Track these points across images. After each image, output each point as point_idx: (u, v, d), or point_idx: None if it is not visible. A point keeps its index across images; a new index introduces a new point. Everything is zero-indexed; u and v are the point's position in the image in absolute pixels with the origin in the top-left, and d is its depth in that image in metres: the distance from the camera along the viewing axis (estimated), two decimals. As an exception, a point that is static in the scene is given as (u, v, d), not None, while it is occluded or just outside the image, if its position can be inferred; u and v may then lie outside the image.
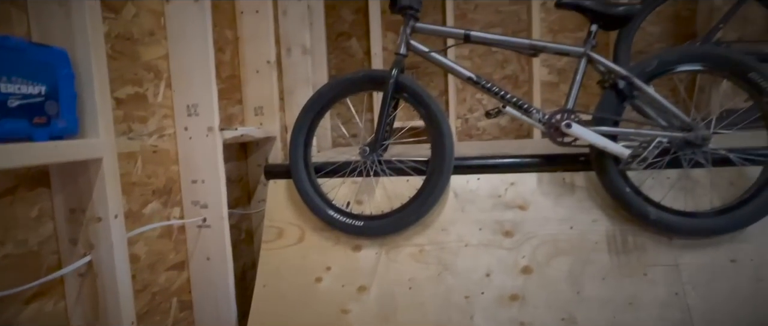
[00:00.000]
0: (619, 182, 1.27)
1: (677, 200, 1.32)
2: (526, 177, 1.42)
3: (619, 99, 1.27)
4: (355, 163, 1.45)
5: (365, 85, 1.43)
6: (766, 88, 1.20)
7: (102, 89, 0.97)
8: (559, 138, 1.30)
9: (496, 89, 1.37)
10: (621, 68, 1.26)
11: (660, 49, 2.29)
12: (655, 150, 1.16)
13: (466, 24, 2.46)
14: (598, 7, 1.29)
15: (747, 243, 1.25)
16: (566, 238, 1.34)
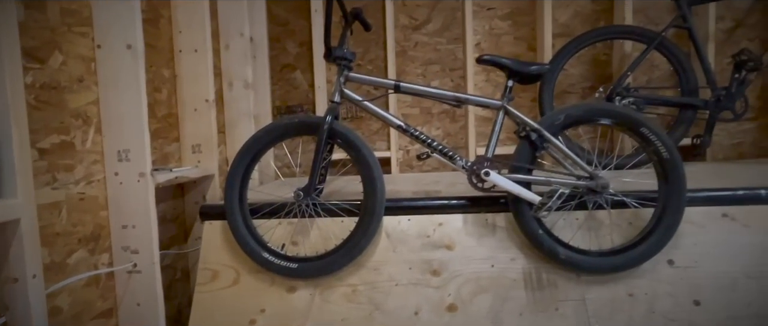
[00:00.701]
0: (532, 224, 1.39)
1: (585, 239, 1.46)
2: (452, 218, 1.52)
3: (532, 149, 1.40)
4: (290, 205, 1.49)
5: (300, 131, 1.48)
6: (653, 141, 1.36)
7: (21, 148, 0.96)
8: (479, 184, 1.41)
9: (423, 137, 1.47)
10: (532, 121, 1.39)
11: (582, 88, 2.51)
12: (557, 200, 1.28)
13: (407, 61, 2.58)
14: (514, 66, 1.42)
15: (641, 278, 1.40)
16: (488, 276, 1.44)
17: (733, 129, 2.49)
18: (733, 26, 2.44)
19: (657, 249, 1.37)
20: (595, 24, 2.49)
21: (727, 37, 2.44)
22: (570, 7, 2.50)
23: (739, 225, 1.43)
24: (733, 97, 2.04)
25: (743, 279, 1.38)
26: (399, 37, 2.58)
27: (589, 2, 2.48)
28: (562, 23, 2.51)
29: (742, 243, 1.41)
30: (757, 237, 1.41)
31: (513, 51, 2.54)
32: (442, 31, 2.56)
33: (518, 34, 2.53)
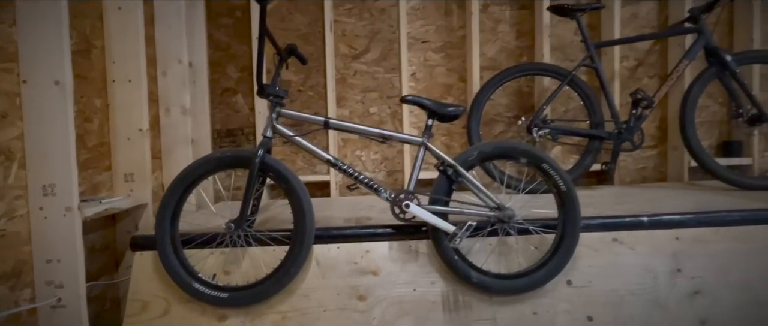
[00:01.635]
0: (449, 251, 1.53)
1: (498, 263, 1.61)
2: (379, 245, 1.63)
3: (449, 182, 1.55)
4: (222, 235, 1.54)
5: (233, 165, 1.55)
6: (553, 175, 1.54)
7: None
8: (401, 214, 1.53)
9: (350, 171, 1.57)
10: (448, 158, 1.54)
11: (508, 117, 2.72)
12: (466, 231, 1.43)
13: (346, 88, 2.69)
14: (433, 106, 1.57)
15: (544, 297, 1.57)
16: (410, 300, 1.56)
17: (637, 156, 2.79)
18: (636, 65, 2.75)
19: (557, 272, 1.54)
20: (519, 59, 2.72)
21: (631, 74, 2.75)
22: (497, 43, 2.72)
23: (627, 248, 1.64)
24: (631, 130, 2.30)
25: (628, 296, 1.59)
26: (339, 65, 2.69)
27: (513, 39, 2.72)
28: (490, 57, 2.72)
29: (628, 263, 1.62)
30: (641, 258, 1.63)
31: (446, 81, 2.72)
32: (380, 61, 2.70)
33: (450, 65, 2.72)
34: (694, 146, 2.27)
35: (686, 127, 2.28)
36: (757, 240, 1.66)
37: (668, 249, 1.64)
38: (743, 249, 1.64)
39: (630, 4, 2.73)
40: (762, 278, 1.61)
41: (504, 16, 2.71)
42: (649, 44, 2.74)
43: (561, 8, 2.38)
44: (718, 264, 1.63)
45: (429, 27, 2.70)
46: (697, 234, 1.66)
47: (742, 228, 1.67)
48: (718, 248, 1.64)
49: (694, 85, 2.29)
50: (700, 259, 1.63)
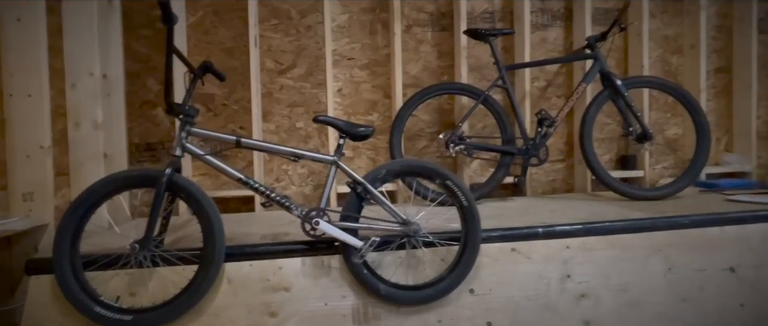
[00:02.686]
0: (358, 265, 1.59)
1: (407, 275, 1.70)
2: (292, 261, 1.66)
3: (359, 199, 1.62)
4: (126, 256, 1.51)
5: (139, 183, 1.52)
6: (456, 191, 1.66)
7: None
8: (311, 231, 1.58)
9: (262, 189, 1.60)
10: (358, 176, 1.61)
11: (430, 132, 2.85)
12: (370, 247, 1.50)
13: (272, 102, 2.71)
14: (344, 127, 1.64)
15: (448, 306, 1.68)
16: (321, 314, 1.61)
17: (548, 169, 3.02)
18: (546, 85, 2.99)
19: (459, 281, 1.65)
20: (440, 78, 2.87)
21: (541, 94, 2.99)
22: (419, 62, 2.85)
23: (524, 257, 1.79)
24: (537, 147, 2.51)
25: (524, 301, 1.73)
26: (265, 80, 2.70)
27: (435, 59, 2.86)
28: (413, 75, 2.85)
29: (525, 271, 1.77)
30: (536, 266, 1.78)
31: (371, 97, 2.81)
32: (306, 77, 2.74)
33: (376, 82, 2.81)
34: (591, 161, 2.50)
35: (585, 143, 2.51)
36: (635, 247, 1.87)
37: (560, 257, 1.81)
38: (622, 255, 1.85)
39: (539, 30, 2.97)
40: (638, 280, 1.82)
41: (426, 37, 2.85)
42: (556, 67, 3.00)
43: (475, 32, 2.55)
44: (601, 269, 1.81)
45: (355, 45, 2.79)
46: (585, 243, 1.85)
47: (622, 237, 1.88)
48: (601, 255, 1.84)
49: (591, 107, 2.54)
50: (587, 265, 1.81)
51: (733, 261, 1.91)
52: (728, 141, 3.26)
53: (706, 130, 2.52)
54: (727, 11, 3.21)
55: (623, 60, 3.08)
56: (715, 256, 1.91)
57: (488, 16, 2.91)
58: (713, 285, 1.86)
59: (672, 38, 3.15)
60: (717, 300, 1.83)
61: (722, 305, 1.83)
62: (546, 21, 2.99)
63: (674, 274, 1.85)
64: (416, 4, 2.84)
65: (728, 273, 1.89)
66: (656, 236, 1.90)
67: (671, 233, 1.92)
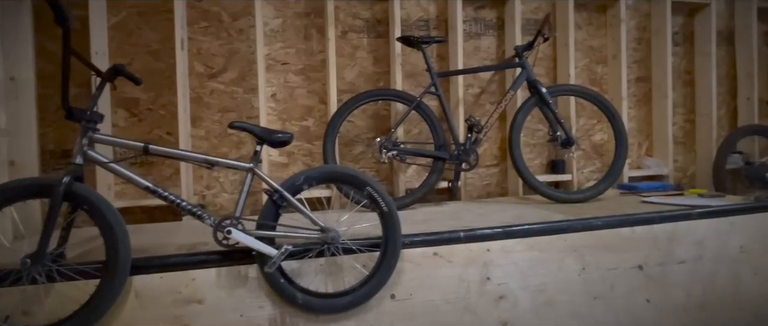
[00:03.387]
0: (275, 274, 1.56)
1: (328, 283, 1.69)
2: (207, 272, 1.61)
3: (275, 207, 1.59)
4: (16, 273, 1.41)
5: (33, 193, 1.43)
6: (376, 198, 1.66)
7: None
8: (224, 240, 1.53)
9: (172, 198, 1.54)
10: (274, 183, 1.58)
11: (367, 138, 2.86)
12: (282, 256, 1.48)
13: (202, 107, 2.62)
14: (261, 132, 1.60)
15: (369, 313, 1.68)
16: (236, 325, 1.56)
17: (483, 173, 3.10)
18: (480, 92, 3.08)
19: (379, 288, 1.65)
20: (377, 84, 2.88)
21: (475, 100, 3.07)
22: (355, 68, 2.86)
23: (445, 261, 1.82)
24: (468, 152, 2.57)
25: (444, 304, 1.76)
26: (194, 84, 2.61)
27: (371, 65, 2.88)
28: (349, 81, 2.85)
29: (446, 275, 1.80)
30: (457, 269, 1.82)
31: (306, 103, 2.78)
32: (239, 81, 2.68)
33: (311, 88, 2.79)
34: (519, 166, 2.59)
35: (513, 149, 2.60)
36: (552, 248, 1.95)
37: (480, 260, 1.85)
38: (540, 256, 1.92)
39: (473, 38, 3.06)
40: (554, 281, 1.89)
41: (362, 43, 2.87)
42: (490, 75, 3.09)
43: (408, 39, 2.59)
44: (520, 271, 1.88)
45: (289, 49, 2.76)
46: (505, 246, 1.90)
47: (540, 238, 1.95)
48: (520, 257, 1.90)
49: (519, 113, 2.63)
50: (506, 267, 1.87)
51: (642, 260, 2.03)
52: (649, 146, 3.47)
53: (623, 135, 2.67)
54: (646, 25, 3.44)
55: (553, 69, 3.22)
56: (626, 255, 2.02)
57: (423, 23, 2.97)
58: (623, 282, 1.96)
59: (597, 49, 3.33)
60: (626, 297, 1.94)
61: (631, 301, 1.93)
62: (479, 30, 3.08)
63: (588, 273, 1.94)
64: (352, 10, 2.84)
65: (637, 270, 2.00)
66: (572, 237, 1.99)
67: (586, 234, 2.02)
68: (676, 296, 1.99)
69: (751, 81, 3.52)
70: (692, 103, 3.56)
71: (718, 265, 2.10)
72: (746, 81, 3.55)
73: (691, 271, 2.06)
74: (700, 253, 2.11)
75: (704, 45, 3.46)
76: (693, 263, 2.08)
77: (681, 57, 3.54)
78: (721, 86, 3.61)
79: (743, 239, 2.20)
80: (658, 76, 3.38)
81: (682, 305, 1.97)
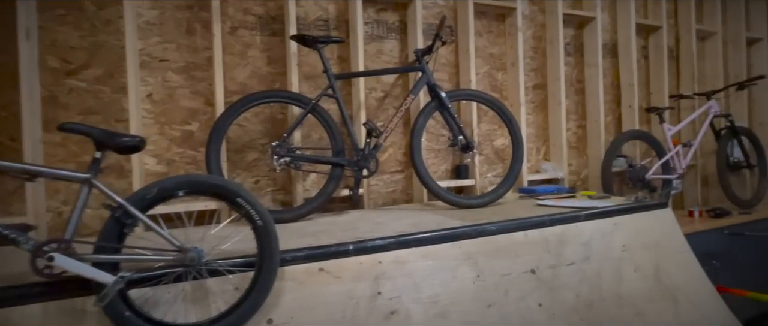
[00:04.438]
0: (118, 305, 1.30)
1: (194, 310, 1.45)
2: (29, 309, 1.30)
3: (119, 225, 1.33)
4: None
5: None
6: (248, 209, 1.46)
7: None
8: (45, 270, 1.24)
9: (-27, 219, 1.22)
10: (116, 196, 1.32)
11: (261, 143, 2.63)
12: (117, 285, 1.23)
13: (58, 109, 2.24)
14: (100, 136, 1.34)
15: (241, 342, 1.46)
16: (66, 373, 1.27)
17: (388, 180, 3.01)
18: (383, 96, 2.99)
19: (252, 312, 1.45)
20: (272, 85, 2.67)
21: (379, 104, 2.97)
22: (247, 68, 2.62)
23: (332, 278, 1.66)
24: (367, 158, 2.45)
25: (331, 325, 1.60)
26: (48, 81, 2.22)
27: (265, 65, 2.66)
28: (241, 82, 2.61)
29: (333, 293, 1.64)
30: (345, 286, 1.67)
31: (190, 105, 2.49)
32: (106, 79, 2.32)
33: (195, 88, 2.51)
34: (420, 171, 2.52)
35: (414, 154, 2.52)
36: (446, 256, 1.88)
37: (371, 273, 1.72)
38: (434, 266, 1.84)
39: (375, 40, 2.97)
40: (447, 290, 1.81)
41: (254, 41, 2.64)
42: (393, 78, 3.02)
43: (303, 38, 2.42)
44: (413, 282, 1.77)
45: (168, 45, 2.45)
46: (398, 256, 1.79)
47: (434, 247, 1.87)
48: (414, 267, 1.80)
49: (419, 118, 2.57)
50: (398, 280, 1.75)
51: (534, 263, 2.03)
52: (546, 150, 3.62)
53: (520, 140, 2.72)
54: (542, 35, 3.59)
55: (455, 74, 3.24)
56: (519, 260, 2.01)
57: (322, 23, 2.82)
58: (516, 288, 1.94)
59: (497, 56, 3.41)
60: (519, 303, 1.92)
61: (523, 307, 1.92)
62: (382, 32, 2.99)
63: (482, 281, 1.90)
64: (243, 5, 2.61)
65: (529, 275, 2.00)
66: (467, 244, 1.94)
67: (481, 240, 1.98)
68: (566, 298, 2.01)
69: (632, 90, 3.81)
70: (584, 110, 3.78)
71: (603, 264, 2.17)
72: (628, 90, 3.85)
73: (579, 272, 2.10)
74: (587, 254, 2.17)
75: (592, 56, 3.69)
76: (581, 264, 2.12)
77: (573, 66, 3.74)
78: (608, 95, 3.88)
79: (625, 238, 2.31)
80: (553, 84, 3.54)
81: (572, 306, 2.00)
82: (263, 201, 2.64)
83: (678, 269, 2.33)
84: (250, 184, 2.61)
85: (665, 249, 2.38)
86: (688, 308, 2.20)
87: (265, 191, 2.65)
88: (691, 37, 4.16)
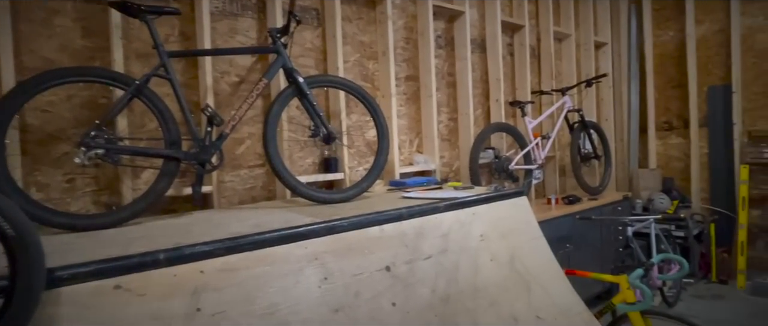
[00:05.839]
0: None
1: None
2: None
3: None
4: None
5: None
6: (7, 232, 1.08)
7: None
8: None
9: None
10: None
11: (75, 133, 2.14)
12: None
13: None
14: None
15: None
16: None
17: (245, 175, 2.70)
18: (239, 81, 2.66)
19: (-4, 355, 1.07)
20: (90, 62, 2.20)
21: (233, 90, 2.64)
22: (54, 40, 2.12)
23: (133, 296, 1.34)
24: (208, 150, 2.12)
25: (127, 357, 1.27)
26: None
27: (79, 38, 2.18)
28: (45, 57, 2.09)
29: (133, 315, 1.32)
30: (151, 305, 1.35)
31: (-36, 83, 1.92)
32: None
33: (-27, 62, 1.94)
34: (275, 164, 2.26)
35: (268, 145, 2.25)
36: (288, 259, 1.65)
37: (188, 287, 1.42)
38: (272, 271, 1.60)
39: (228, 18, 2.63)
40: (287, 299, 1.59)
41: (64, 7, 2.14)
42: (251, 62, 2.71)
43: (125, 6, 2.01)
44: (243, 293, 1.51)
45: (-72, 3, 1.86)
46: (226, 263, 1.52)
47: (273, 250, 1.63)
48: (246, 275, 1.54)
49: (274, 105, 2.30)
50: (226, 291, 1.48)
51: (389, 260, 1.90)
52: (419, 142, 3.59)
53: (385, 130, 2.60)
54: (413, 25, 3.54)
55: (323, 61, 3.03)
56: (373, 257, 1.87)
57: (160, -7, 2.40)
58: (368, 288, 1.79)
59: (368, 44, 3.27)
60: (370, 304, 1.77)
61: (375, 307, 1.77)
62: (236, 9, 2.66)
63: (330, 283, 1.71)
64: (44, -40, 2.10)
65: (384, 272, 1.86)
66: (314, 244, 1.74)
67: (331, 238, 1.79)
68: (422, 294, 1.91)
69: (499, 85, 3.97)
70: (455, 103, 3.84)
71: (461, 255, 2.13)
72: (495, 85, 4.00)
73: (436, 265, 2.02)
74: (445, 246, 2.10)
75: (462, 50, 3.75)
76: (439, 256, 2.05)
77: (444, 59, 3.77)
78: (478, 88, 4.00)
79: (483, 227, 2.30)
80: (424, 76, 3.51)
81: (428, 302, 1.91)
82: (81, 204, 2.17)
83: (531, 255, 2.39)
84: (60, 183, 2.12)
85: (521, 236, 2.43)
86: (540, 293, 2.26)
87: (81, 192, 2.17)
88: (550, 38, 4.48)
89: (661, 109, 5.35)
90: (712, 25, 4.91)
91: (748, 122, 4.71)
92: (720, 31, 4.85)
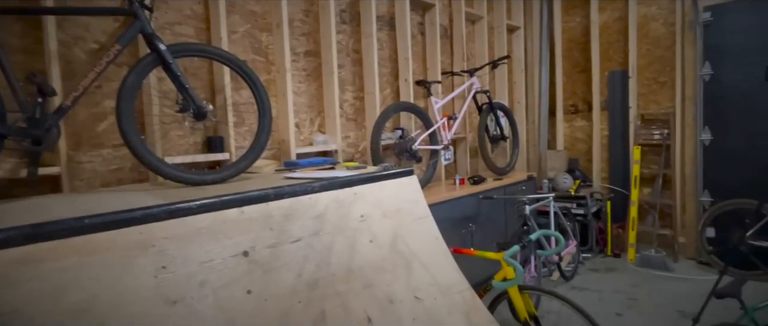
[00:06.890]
0: None
1: None
2: None
3: None
4: None
5: None
6: None
7: None
8: None
9: None
10: None
11: None
12: None
13: None
14: None
15: None
16: None
17: (109, 155, 2.41)
18: (98, 48, 2.36)
19: None
20: None
21: (90, 58, 2.33)
22: None
23: None
24: (38, 124, 1.84)
25: None
26: None
27: None
28: None
29: None
30: None
31: None
32: None
33: None
34: (131, 141, 2.01)
35: (122, 120, 2.00)
36: (115, 247, 1.45)
37: (-32, 283, 1.19)
38: (91, 261, 1.39)
39: (81, -25, 2.29)
40: (109, 293, 1.39)
41: None
42: (114, 27, 2.40)
43: None
44: (49, 288, 1.30)
45: None
46: (26, 255, 1.30)
47: (96, 237, 1.43)
48: (54, 267, 1.33)
49: (130, 75, 2.04)
50: (22, 287, 1.26)
51: (249, 244, 1.75)
52: (321, 122, 3.44)
53: (266, 105, 2.42)
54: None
55: (206, 31, 2.77)
56: (229, 242, 1.71)
57: (-16, -61, 2.03)
58: (218, 276, 1.63)
59: (260, 15, 3.05)
60: (220, 293, 1.61)
61: (225, 297, 1.62)
62: (93, -34, 2.33)
63: (169, 273, 1.53)
64: None
65: (240, 258, 1.71)
66: (152, 229, 1.55)
67: (174, 222, 1.61)
68: (286, 279, 1.79)
69: (407, 64, 3.89)
70: (362, 81, 3.71)
71: (336, 237, 2.03)
72: (404, 64, 3.91)
73: (306, 248, 1.90)
74: (318, 227, 1.99)
75: (368, 26, 3.61)
76: (309, 239, 1.93)
77: (349, 35, 3.62)
78: (386, 67, 3.90)
79: (365, 207, 2.21)
80: (326, 52, 3.35)
81: (292, 287, 1.79)
82: None
83: (416, 235, 2.34)
84: None
85: (406, 216, 2.37)
86: (421, 273, 2.22)
87: None
88: (461, 19, 4.47)
89: (569, 93, 5.57)
90: (613, 12, 5.14)
91: (642, 106, 5.02)
92: (619, 19, 5.10)
